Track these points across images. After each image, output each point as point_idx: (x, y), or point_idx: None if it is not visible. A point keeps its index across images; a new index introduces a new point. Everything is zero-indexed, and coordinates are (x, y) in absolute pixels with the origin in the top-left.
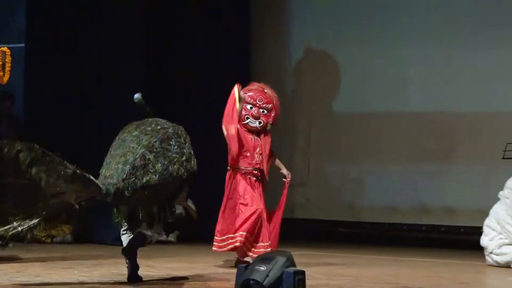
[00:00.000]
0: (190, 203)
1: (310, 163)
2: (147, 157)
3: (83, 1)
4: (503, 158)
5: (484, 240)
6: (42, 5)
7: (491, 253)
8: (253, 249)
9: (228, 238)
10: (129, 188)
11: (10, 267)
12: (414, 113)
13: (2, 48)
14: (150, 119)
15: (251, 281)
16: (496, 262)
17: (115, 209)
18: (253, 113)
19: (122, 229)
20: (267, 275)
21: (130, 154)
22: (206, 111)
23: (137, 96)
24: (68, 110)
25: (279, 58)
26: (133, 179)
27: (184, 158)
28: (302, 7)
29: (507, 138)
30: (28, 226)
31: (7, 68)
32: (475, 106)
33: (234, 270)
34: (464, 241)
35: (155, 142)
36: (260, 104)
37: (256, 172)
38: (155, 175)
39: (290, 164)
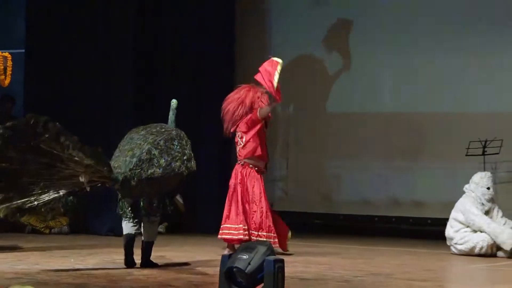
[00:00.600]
0: (178, 197)
1: (288, 159)
2: (153, 152)
3: (79, 9)
4: (466, 155)
5: (450, 232)
6: (41, 14)
7: (456, 243)
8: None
9: (259, 235)
10: (135, 178)
11: (12, 255)
12: (386, 114)
13: (4, 54)
14: (155, 124)
15: (234, 269)
16: (460, 250)
17: (121, 202)
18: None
19: (124, 218)
20: (249, 263)
21: (137, 149)
22: (195, 108)
23: (174, 101)
24: (66, 112)
25: (261, 61)
26: (139, 170)
27: (185, 157)
28: (283, 16)
29: (470, 137)
30: (43, 202)
31: (8, 72)
32: (442, 107)
33: (219, 258)
34: (431, 231)
35: (160, 140)
36: None
37: (265, 169)
38: (159, 169)
39: (270, 161)
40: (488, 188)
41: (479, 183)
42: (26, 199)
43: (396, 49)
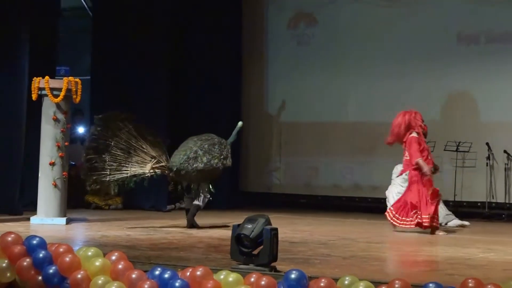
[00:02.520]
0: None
1: (281, 156)
2: (198, 152)
3: (132, 47)
4: None
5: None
6: (102, 50)
7: None
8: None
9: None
10: (183, 170)
11: (81, 226)
12: (351, 122)
13: (76, 79)
14: (206, 134)
15: (242, 235)
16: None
17: (172, 183)
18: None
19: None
20: (253, 231)
21: (188, 150)
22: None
23: (241, 123)
24: None
25: (261, 89)
26: (186, 164)
27: (222, 156)
28: (277, 53)
29: None
30: (113, 178)
31: (79, 93)
32: (390, 118)
33: (231, 227)
34: (384, 208)
35: (205, 144)
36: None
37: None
38: (201, 164)
39: (268, 157)
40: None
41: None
42: (103, 173)
43: (355, 74)
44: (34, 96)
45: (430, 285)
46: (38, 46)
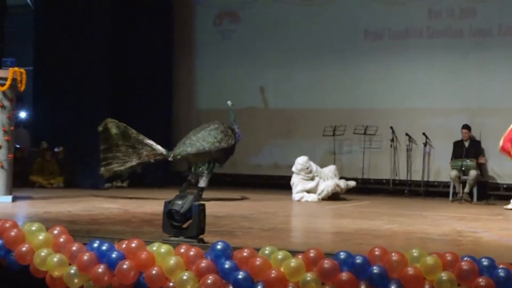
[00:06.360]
0: (135, 164)
1: None
2: (194, 139)
3: (71, 40)
4: (323, 135)
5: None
6: (44, 43)
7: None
8: None
9: None
10: (179, 155)
11: (26, 203)
12: (269, 109)
13: (21, 70)
14: (212, 122)
15: (173, 211)
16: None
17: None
18: None
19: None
20: (182, 206)
21: (187, 138)
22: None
23: (229, 102)
24: (60, 109)
25: (189, 83)
26: (182, 150)
27: (215, 140)
28: (203, 50)
29: (325, 123)
30: (124, 167)
31: (24, 82)
32: (307, 104)
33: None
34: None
35: (201, 132)
36: None
37: None
38: (194, 149)
39: None
40: (307, 168)
41: (302, 164)
42: (114, 165)
43: (277, 66)
44: None
45: (341, 253)
46: None
